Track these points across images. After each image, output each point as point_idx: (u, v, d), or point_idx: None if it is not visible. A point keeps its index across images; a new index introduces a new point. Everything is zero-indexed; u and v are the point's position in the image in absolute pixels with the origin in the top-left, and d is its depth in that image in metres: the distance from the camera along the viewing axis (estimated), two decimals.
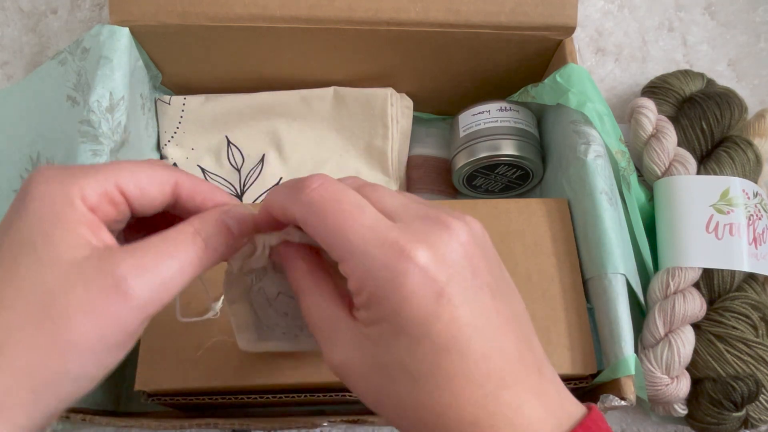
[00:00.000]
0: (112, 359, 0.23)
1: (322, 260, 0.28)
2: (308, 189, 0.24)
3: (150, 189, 0.26)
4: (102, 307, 0.22)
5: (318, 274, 0.27)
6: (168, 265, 0.24)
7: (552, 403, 0.24)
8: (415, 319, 0.22)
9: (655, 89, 0.56)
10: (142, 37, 0.46)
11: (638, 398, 0.38)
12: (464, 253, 0.23)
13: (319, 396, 0.39)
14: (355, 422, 0.38)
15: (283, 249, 0.27)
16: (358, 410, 0.44)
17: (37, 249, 0.22)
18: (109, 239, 0.24)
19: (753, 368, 0.43)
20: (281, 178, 0.52)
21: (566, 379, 0.39)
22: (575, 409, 0.24)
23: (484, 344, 0.23)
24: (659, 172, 0.51)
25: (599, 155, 0.44)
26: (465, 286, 0.23)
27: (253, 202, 0.51)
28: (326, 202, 0.24)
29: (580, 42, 0.61)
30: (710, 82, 0.55)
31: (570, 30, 0.47)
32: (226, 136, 0.53)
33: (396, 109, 0.52)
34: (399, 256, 0.22)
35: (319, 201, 0.24)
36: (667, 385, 0.44)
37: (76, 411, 0.37)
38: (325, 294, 0.26)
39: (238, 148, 0.53)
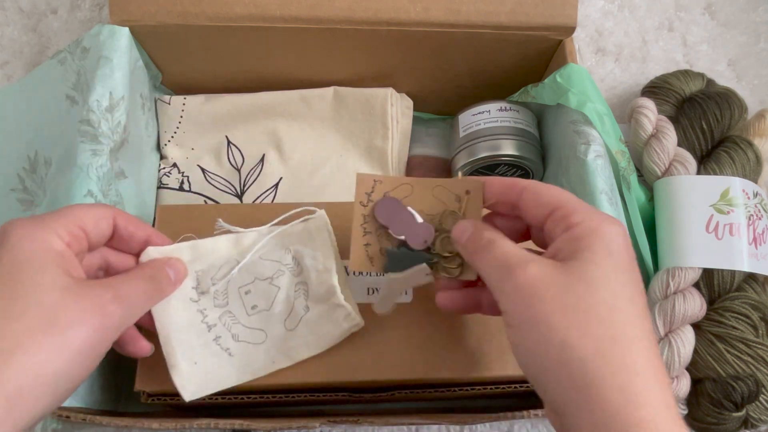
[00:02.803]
0: (91, 363, 0.30)
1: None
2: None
3: (101, 222, 0.33)
4: (93, 322, 0.29)
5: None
6: (137, 296, 0.33)
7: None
8: None
9: (655, 89, 0.56)
10: (142, 37, 0.46)
11: None
12: None
13: (319, 396, 0.39)
14: (355, 422, 0.38)
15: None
16: (358, 410, 0.44)
17: (33, 276, 0.29)
18: (81, 272, 0.31)
19: (753, 368, 0.43)
20: (281, 178, 0.52)
21: None
22: None
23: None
24: (659, 172, 0.51)
25: (599, 155, 0.44)
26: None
27: (253, 202, 0.51)
28: None
29: (580, 42, 0.61)
30: (710, 82, 0.55)
31: (570, 30, 0.47)
32: (226, 136, 0.53)
33: (396, 109, 0.52)
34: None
35: None
36: None
37: (76, 411, 0.37)
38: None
39: (238, 148, 0.53)
